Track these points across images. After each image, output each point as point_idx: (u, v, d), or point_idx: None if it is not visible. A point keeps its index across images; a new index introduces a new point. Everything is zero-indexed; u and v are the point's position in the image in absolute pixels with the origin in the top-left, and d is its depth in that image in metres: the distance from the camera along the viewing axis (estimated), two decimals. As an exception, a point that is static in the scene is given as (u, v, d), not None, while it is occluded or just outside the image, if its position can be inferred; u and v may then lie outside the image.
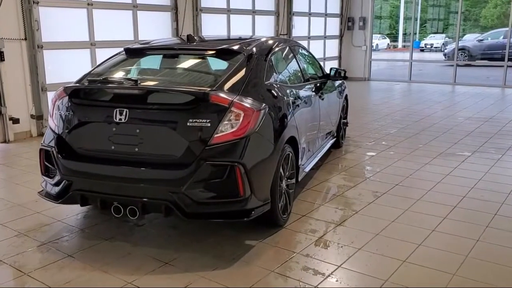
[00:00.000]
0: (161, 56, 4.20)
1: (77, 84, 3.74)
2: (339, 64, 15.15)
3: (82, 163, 3.48)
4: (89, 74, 3.99)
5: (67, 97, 3.61)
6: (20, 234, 3.83)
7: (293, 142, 4.08)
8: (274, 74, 4.15)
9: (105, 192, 3.43)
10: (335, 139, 6.21)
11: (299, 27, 13.12)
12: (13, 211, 4.32)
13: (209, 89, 3.39)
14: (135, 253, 3.51)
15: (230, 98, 3.32)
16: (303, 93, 4.66)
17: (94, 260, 3.39)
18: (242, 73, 3.69)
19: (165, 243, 3.67)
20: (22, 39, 6.92)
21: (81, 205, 3.57)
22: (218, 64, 3.97)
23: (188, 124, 3.23)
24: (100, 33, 7.88)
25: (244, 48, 3.99)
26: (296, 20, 12.91)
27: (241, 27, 11.01)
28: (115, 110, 3.36)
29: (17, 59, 6.89)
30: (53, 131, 3.68)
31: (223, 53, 3.94)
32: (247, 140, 3.31)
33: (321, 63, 6.17)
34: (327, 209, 4.39)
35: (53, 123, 3.70)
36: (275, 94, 3.93)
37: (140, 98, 3.41)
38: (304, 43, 13.12)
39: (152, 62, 4.20)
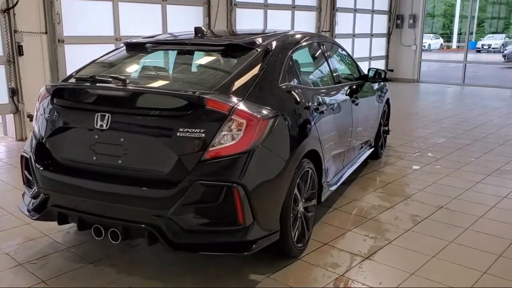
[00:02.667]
0: (162, 52, 3.64)
1: (60, 83, 3.23)
2: (386, 64, 14.20)
3: (60, 175, 2.97)
4: (81, 70, 3.49)
5: (49, 97, 3.12)
6: (-1, 250, 3.40)
7: (314, 156, 3.42)
8: (295, 74, 3.50)
9: (84, 211, 2.91)
10: (373, 149, 5.47)
11: (343, 24, 12.29)
12: (3, 221, 3.90)
13: (207, 91, 2.79)
14: (117, 283, 2.97)
15: (230, 104, 2.71)
16: (331, 97, 3.98)
17: (68, 291, 2.88)
18: (252, 72, 3.06)
19: (154, 272, 3.10)
20: (43, 32, 6.60)
21: (59, 223, 3.06)
22: (225, 62, 3.37)
23: (178, 134, 2.65)
24: (126, 28, 7.47)
25: (259, 43, 3.36)
26: (339, 16, 12.11)
27: (278, 24, 10.35)
28: (96, 115, 2.83)
29: (37, 54, 6.57)
30: (35, 136, 3.20)
31: (233, 49, 3.33)
32: (249, 155, 2.68)
33: (367, 63, 5.45)
34: (355, 236, 3.69)
35: (36, 126, 3.23)
36: (292, 99, 3.28)
37: (123, 101, 2.86)
38: (348, 41, 12.32)
39: (151, 58, 3.65)
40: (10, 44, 6.26)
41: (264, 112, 2.84)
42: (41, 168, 3.02)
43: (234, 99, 2.77)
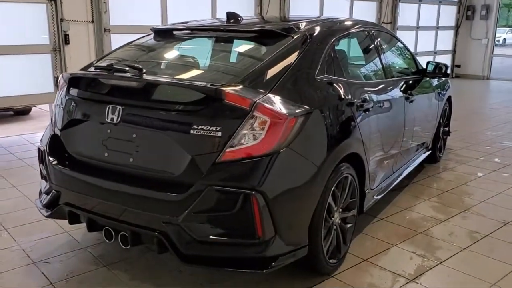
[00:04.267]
0: (189, 38, 3.32)
1: (76, 72, 3.01)
2: (453, 59, 13.22)
3: (72, 171, 2.74)
4: (103, 57, 3.26)
5: (65, 87, 2.91)
6: (15, 246, 3.24)
7: (356, 160, 2.99)
8: (338, 66, 3.07)
9: (94, 211, 2.67)
10: (429, 152, 4.91)
11: (406, 16, 11.49)
12: (25, 214, 3.78)
13: (227, 83, 2.44)
14: (128, 291, 2.72)
15: (252, 98, 2.34)
16: (381, 93, 3.51)
17: (74, 296, 2.66)
18: (284, 62, 2.67)
19: (169, 281, 2.81)
20: (89, 21, 6.53)
21: (70, 223, 2.84)
22: (255, 51, 3.00)
23: (192, 131, 2.33)
24: (174, 17, 7.25)
25: (296, 29, 2.96)
26: (402, 7, 11.32)
27: (335, 14, 9.81)
28: (107, 107, 2.57)
29: (83, 43, 6.52)
30: (51, 128, 3.01)
31: (265, 36, 2.95)
32: (273, 158, 2.31)
33: (431, 58, 4.88)
34: (401, 253, 3.22)
35: (52, 117, 3.03)
36: (332, 94, 2.87)
37: (136, 92, 2.57)
38: (411, 34, 11.54)
39: (176, 45, 3.33)
40: (57, 32, 6.23)
41: (294, 108, 2.45)
42: (53, 162, 2.82)
43: (258, 92, 2.41)
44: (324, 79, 2.85)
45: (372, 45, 3.81)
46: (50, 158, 2.84)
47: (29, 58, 6.25)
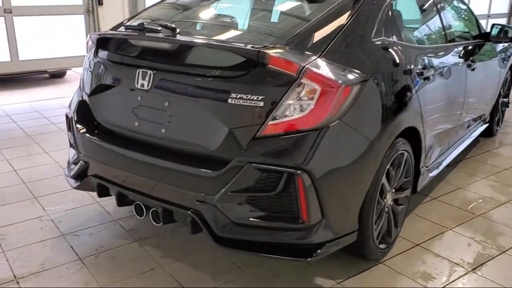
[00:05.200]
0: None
1: (105, 31, 2.75)
2: (508, 23, 12.28)
3: (101, 141, 2.53)
4: (135, 16, 2.99)
5: (94, 48, 2.67)
6: (45, 216, 3.11)
7: (412, 135, 2.65)
8: (395, 27, 2.69)
9: (123, 185, 2.47)
10: (487, 125, 4.48)
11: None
12: (56, 182, 3.65)
13: (271, 45, 2.13)
14: (159, 269, 2.54)
15: (300, 63, 2.03)
16: (441, 59, 3.11)
17: (103, 273, 2.50)
18: (336, 22, 2.32)
19: (204, 260, 2.61)
20: (123, -20, 6.27)
21: (99, 196, 2.66)
22: (302, 9, 2.64)
23: (230, 100, 2.05)
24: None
25: (349, -15, 2.58)
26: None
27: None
28: (137, 72, 2.32)
29: (117, 4, 6.29)
30: (79, 93, 2.80)
31: (315, -8, 2.60)
32: (322, 133, 2.02)
33: (484, 22, 4.39)
34: (457, 238, 2.91)
35: (80, 81, 2.81)
36: (389, 59, 2.52)
37: (169, 55, 2.30)
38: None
39: (213, 4, 3.01)
40: (90, -8, 6.02)
41: (348, 75, 2.13)
42: (81, 131, 2.62)
43: (307, 56, 2.09)
44: (381, 43, 2.49)
45: (433, 5, 3.38)
46: (78, 126, 2.63)
47: (62, 19, 6.08)
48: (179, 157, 2.23)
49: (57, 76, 8.07)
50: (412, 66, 2.64)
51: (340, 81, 2.05)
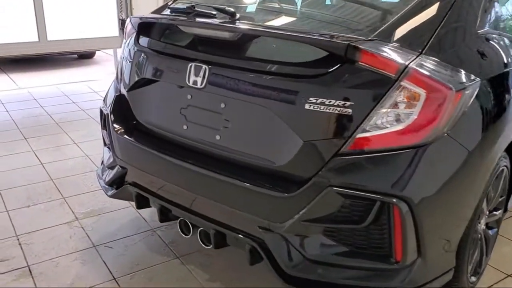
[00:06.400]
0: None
1: (148, 15, 2.33)
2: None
3: (141, 144, 2.15)
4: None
5: (134, 34, 2.27)
6: (74, 221, 2.77)
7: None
8: (498, 16, 2.21)
9: (167, 198, 2.09)
10: None
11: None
12: (86, 179, 3.31)
13: (359, 38, 1.68)
14: (205, 298, 2.17)
15: (401, 61, 1.59)
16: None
17: (141, 300, 2.15)
18: (433, 10, 1.86)
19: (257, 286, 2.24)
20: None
21: (138, 207, 2.29)
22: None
23: (306, 105, 1.63)
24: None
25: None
26: None
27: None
28: (189, 66, 1.91)
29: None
30: (116, 86, 2.41)
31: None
32: (426, 150, 1.58)
33: None
34: (554, 267, 2.45)
35: (117, 73, 2.43)
36: (497, 56, 2.04)
37: (229, 47, 1.88)
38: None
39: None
40: (122, -32, 5.61)
41: (458, 76, 1.68)
42: (119, 131, 2.24)
43: (407, 53, 1.64)
44: (487, 35, 2.02)
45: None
46: (115, 126, 2.25)
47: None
48: (236, 171, 1.83)
49: (85, 56, 7.75)
50: (516, 63, 2.16)
51: (451, 85, 1.60)
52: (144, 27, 2.21)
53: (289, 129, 1.68)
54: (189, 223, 2.05)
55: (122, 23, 5.85)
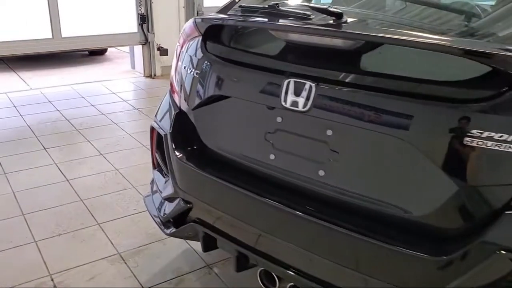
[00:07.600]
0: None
1: (216, 16, 1.90)
2: None
3: (211, 175, 1.74)
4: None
5: (199, 39, 1.85)
6: (115, 255, 2.37)
7: None
8: None
9: (247, 245, 1.69)
10: None
11: None
12: (121, 199, 2.90)
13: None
14: None
15: None
16: None
17: None
18: None
19: None
20: None
21: (205, 250, 1.89)
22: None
23: (466, 140, 1.22)
24: None
25: None
26: None
27: None
28: (284, 82, 1.49)
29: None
30: (173, 101, 1.99)
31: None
32: None
33: None
34: None
35: (175, 84, 2.01)
36: None
37: (340, 58, 1.47)
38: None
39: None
40: (143, -41, 5.17)
41: None
42: (181, 158, 1.82)
43: None
44: None
45: None
46: (176, 152, 1.84)
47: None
48: (349, 218, 1.43)
49: (97, 53, 7.33)
50: None
51: None
52: (214, 31, 1.80)
53: (438, 169, 1.27)
54: (275, 276, 1.65)
55: (141, 18, 5.42)
